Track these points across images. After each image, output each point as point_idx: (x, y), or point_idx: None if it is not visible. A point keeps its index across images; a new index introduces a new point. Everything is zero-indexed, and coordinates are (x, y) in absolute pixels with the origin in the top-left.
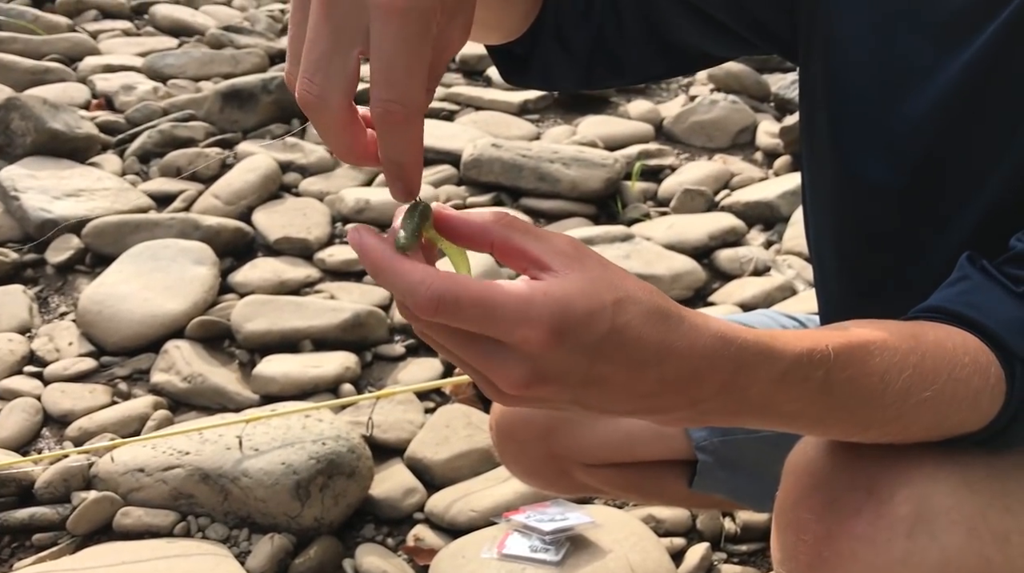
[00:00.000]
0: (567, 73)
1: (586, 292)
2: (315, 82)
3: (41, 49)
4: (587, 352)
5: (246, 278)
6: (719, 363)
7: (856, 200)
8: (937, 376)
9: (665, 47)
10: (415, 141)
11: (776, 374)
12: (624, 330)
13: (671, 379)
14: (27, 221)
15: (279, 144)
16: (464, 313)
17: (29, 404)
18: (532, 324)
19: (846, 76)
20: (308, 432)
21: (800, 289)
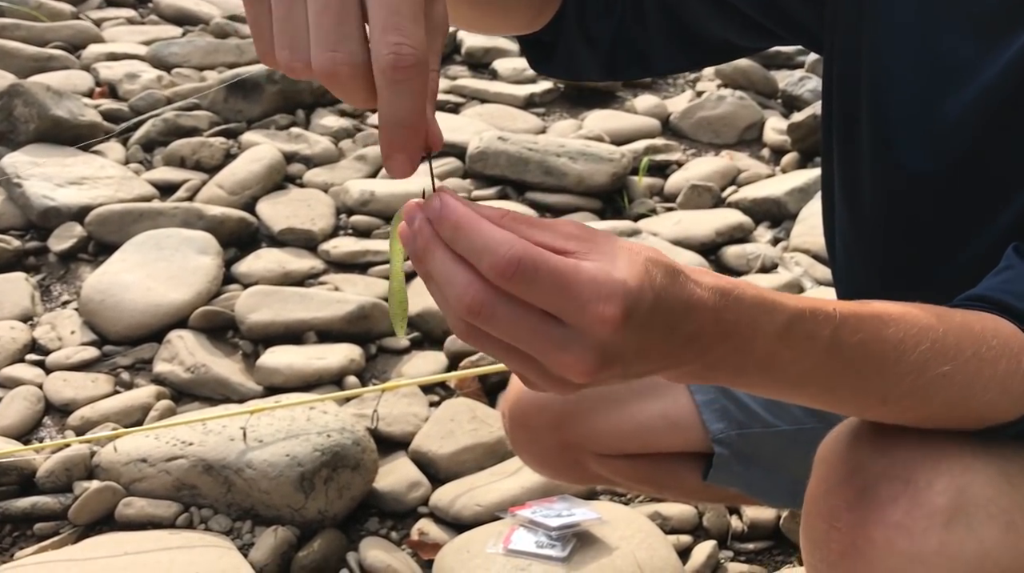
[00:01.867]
0: (591, 64)
1: (627, 267)
2: (341, 48)
3: (44, 36)
4: (642, 328)
5: (250, 268)
6: (722, 315)
7: (894, 191)
8: (959, 352)
9: (688, 38)
10: (422, 94)
11: (778, 326)
12: (660, 295)
13: (686, 336)
14: (30, 208)
15: (283, 134)
16: (540, 281)
17: (31, 392)
18: (607, 299)
19: (887, 68)
20: (313, 424)
21: (808, 286)
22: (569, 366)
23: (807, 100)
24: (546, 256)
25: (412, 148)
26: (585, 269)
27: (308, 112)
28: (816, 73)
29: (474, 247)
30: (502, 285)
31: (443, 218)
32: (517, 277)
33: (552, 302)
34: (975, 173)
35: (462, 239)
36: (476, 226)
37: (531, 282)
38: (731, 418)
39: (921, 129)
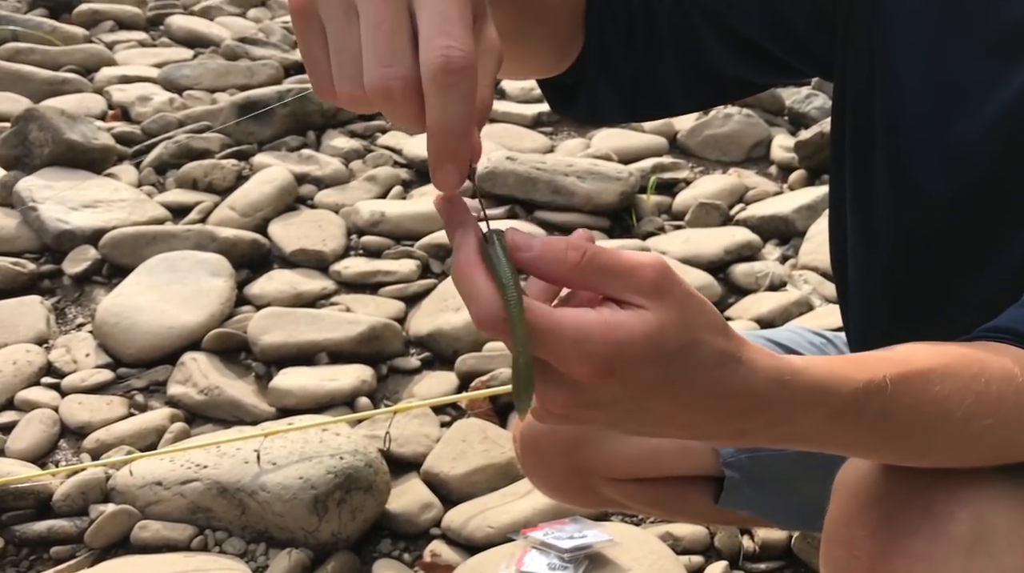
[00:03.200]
0: (613, 105)
1: (650, 336)
2: (393, 65)
3: (58, 60)
4: (637, 389)
5: (262, 290)
6: (771, 403)
7: (908, 212)
8: (1001, 403)
9: (706, 76)
10: (472, 100)
11: (830, 412)
12: (679, 377)
13: (719, 416)
14: (44, 232)
15: (295, 156)
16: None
17: (47, 416)
18: (583, 360)
19: (901, 88)
20: (325, 446)
21: (817, 304)
22: (553, 406)
23: (814, 118)
24: (532, 308)
25: (461, 158)
26: (571, 322)
27: (319, 134)
28: (822, 90)
29: (467, 295)
30: (491, 334)
31: (456, 254)
32: (499, 331)
33: (537, 349)
34: (991, 196)
35: (459, 285)
36: (469, 275)
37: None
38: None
39: (936, 151)
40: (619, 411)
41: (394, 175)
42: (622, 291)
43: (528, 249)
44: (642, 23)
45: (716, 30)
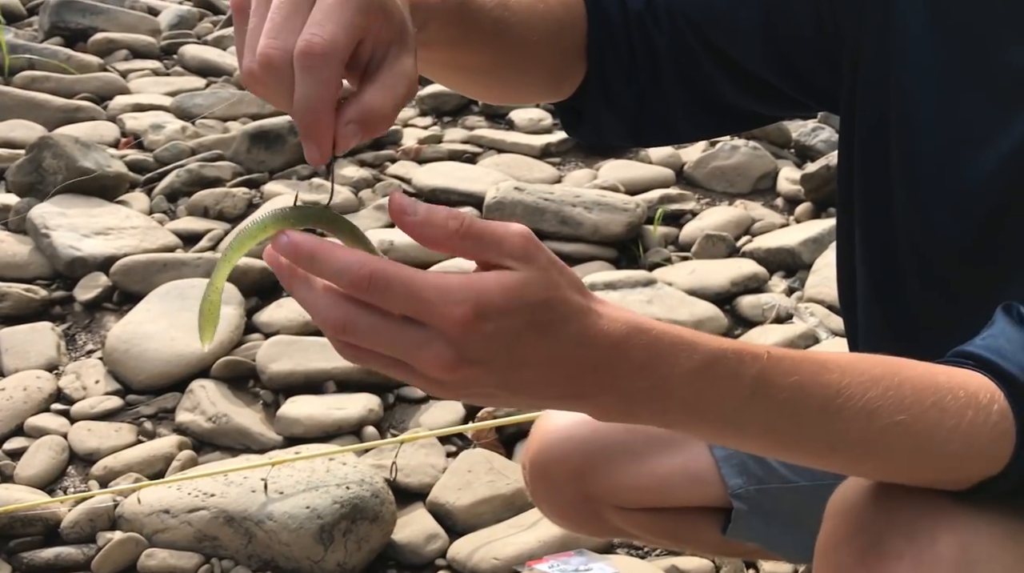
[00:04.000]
0: (617, 130)
1: (511, 288)
2: (278, 39)
3: (73, 88)
4: (508, 338)
5: (271, 318)
6: (633, 350)
7: (922, 252)
8: (917, 402)
9: (712, 107)
10: (329, 84)
11: (696, 363)
12: (545, 326)
13: (588, 365)
14: (57, 258)
15: (305, 184)
16: (392, 290)
17: (55, 442)
18: (452, 305)
19: (910, 127)
20: (332, 475)
21: (823, 337)
22: (430, 362)
23: (820, 150)
24: (398, 268)
25: (321, 137)
26: (437, 277)
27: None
28: (829, 124)
29: (332, 270)
30: (361, 297)
31: (298, 252)
32: (371, 288)
33: (407, 306)
34: (999, 237)
35: (319, 266)
36: (329, 252)
37: (383, 291)
38: (750, 473)
39: (947, 191)
40: (497, 369)
41: None
42: (495, 257)
43: (413, 214)
44: (643, 56)
45: (719, 63)
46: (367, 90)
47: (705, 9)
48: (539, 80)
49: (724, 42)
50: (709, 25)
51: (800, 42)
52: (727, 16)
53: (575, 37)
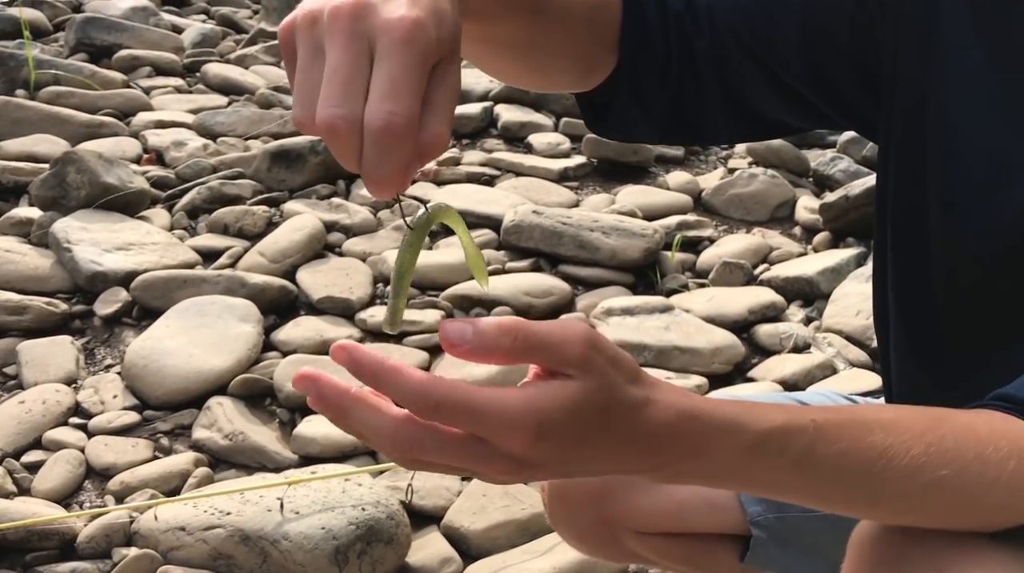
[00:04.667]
0: (644, 129)
1: (572, 402)
2: (342, 106)
3: (97, 104)
4: (568, 446)
5: (288, 336)
6: (684, 437)
7: (958, 279)
8: (959, 455)
9: (744, 114)
10: (408, 155)
11: (743, 445)
12: (604, 426)
13: (642, 452)
14: (78, 273)
15: (324, 204)
16: (457, 416)
17: (73, 456)
18: (515, 430)
19: (960, 155)
20: (348, 496)
21: (841, 368)
22: (495, 472)
23: (839, 180)
24: (462, 393)
25: (391, 192)
26: (498, 403)
27: (348, 183)
28: (847, 153)
29: (398, 394)
30: (427, 419)
31: (360, 369)
32: (437, 414)
33: (471, 429)
34: None
35: (383, 387)
36: (393, 375)
37: (450, 416)
38: (768, 501)
39: (989, 218)
40: (559, 466)
41: None
42: (555, 365)
43: (462, 343)
44: (680, 57)
45: (757, 72)
46: (425, 120)
47: (745, 17)
48: (569, 66)
49: (762, 52)
50: (749, 33)
51: (837, 58)
52: (766, 26)
53: (609, 28)
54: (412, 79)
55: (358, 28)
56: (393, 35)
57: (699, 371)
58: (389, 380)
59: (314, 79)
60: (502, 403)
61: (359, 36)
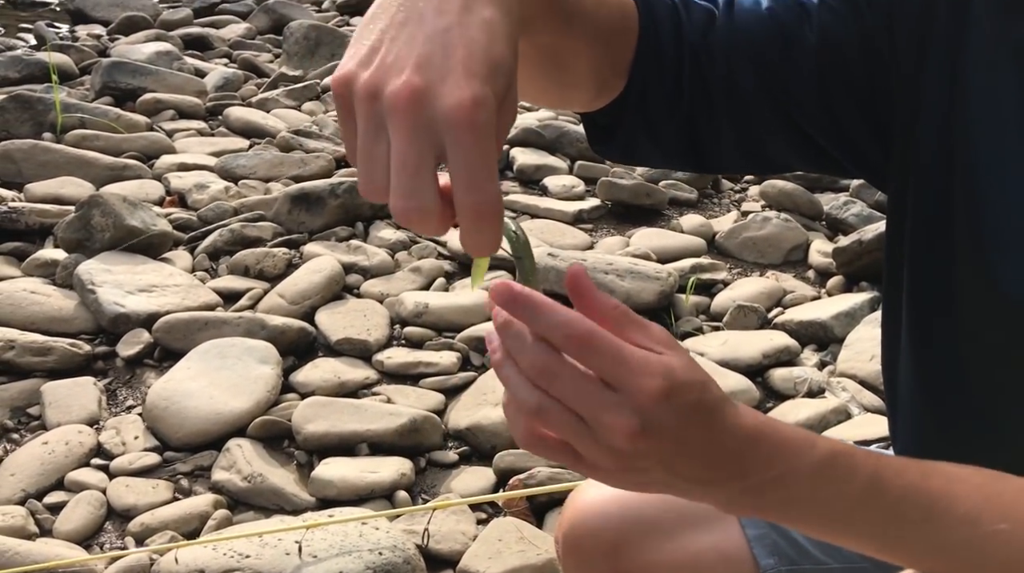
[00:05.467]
0: (649, 155)
1: (686, 367)
2: (414, 199)
3: (121, 146)
4: (684, 413)
5: (307, 378)
6: (763, 442)
7: (991, 328)
8: (1017, 510)
9: (753, 150)
10: (500, 227)
11: (816, 460)
12: (710, 407)
13: (730, 451)
14: (101, 314)
15: (343, 246)
16: (602, 351)
17: (94, 497)
18: (650, 377)
19: (992, 202)
20: (365, 540)
21: (855, 413)
22: (614, 428)
23: (852, 224)
24: (608, 333)
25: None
26: (642, 352)
27: (367, 224)
28: (860, 198)
29: (552, 322)
30: (571, 352)
31: (516, 302)
32: (584, 345)
33: (609, 370)
34: None
35: (542, 317)
36: (550, 307)
37: (595, 350)
38: (782, 554)
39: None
40: (669, 443)
41: (438, 267)
42: (643, 340)
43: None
44: (692, 87)
45: (770, 111)
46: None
47: (760, 57)
48: (585, 83)
49: (776, 91)
50: (762, 74)
51: (852, 105)
52: (781, 68)
53: (625, 51)
54: (486, 162)
55: (420, 120)
56: (458, 126)
57: None
58: (545, 310)
59: (378, 157)
60: (645, 355)
61: (422, 128)
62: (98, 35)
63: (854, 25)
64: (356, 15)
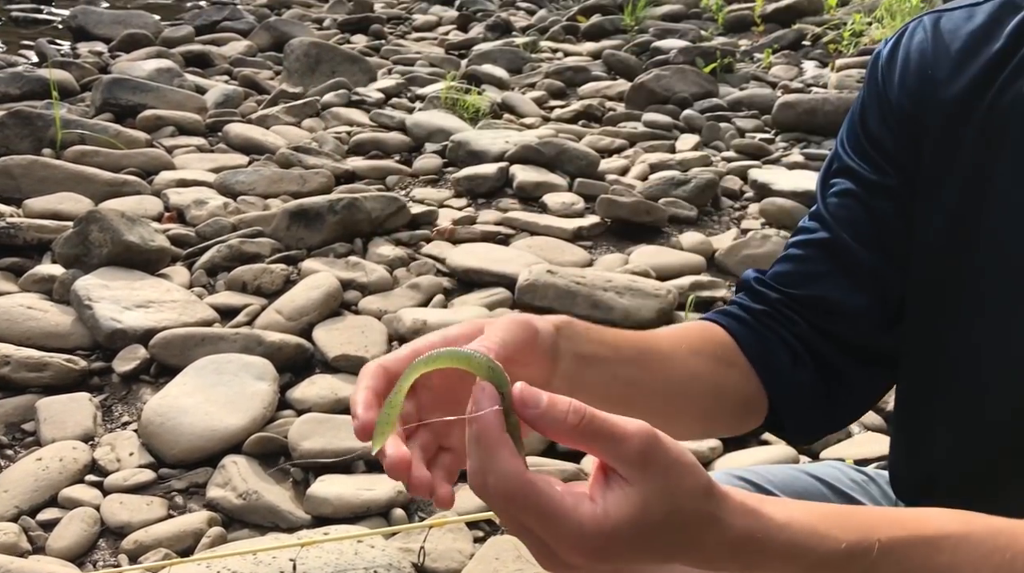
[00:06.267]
0: (820, 425)
1: (635, 517)
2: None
3: (120, 163)
4: (625, 554)
5: (303, 395)
6: (739, 556)
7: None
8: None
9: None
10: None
11: (803, 569)
12: (661, 539)
13: (693, 562)
14: (98, 330)
15: (341, 262)
16: (531, 516)
17: (88, 514)
18: (579, 551)
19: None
20: (360, 558)
21: (855, 431)
22: (559, 564)
23: None
24: (541, 500)
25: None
26: (570, 517)
27: (366, 241)
28: None
29: (485, 466)
30: (501, 506)
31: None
32: (509, 505)
33: (539, 530)
34: None
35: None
36: (496, 448)
37: (523, 511)
38: None
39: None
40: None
41: (436, 284)
42: (611, 458)
43: (535, 406)
44: (815, 362)
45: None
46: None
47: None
48: (727, 425)
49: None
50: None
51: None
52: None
53: (745, 391)
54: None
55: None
56: None
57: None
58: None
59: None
60: (583, 517)
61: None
62: (99, 52)
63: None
64: (357, 32)
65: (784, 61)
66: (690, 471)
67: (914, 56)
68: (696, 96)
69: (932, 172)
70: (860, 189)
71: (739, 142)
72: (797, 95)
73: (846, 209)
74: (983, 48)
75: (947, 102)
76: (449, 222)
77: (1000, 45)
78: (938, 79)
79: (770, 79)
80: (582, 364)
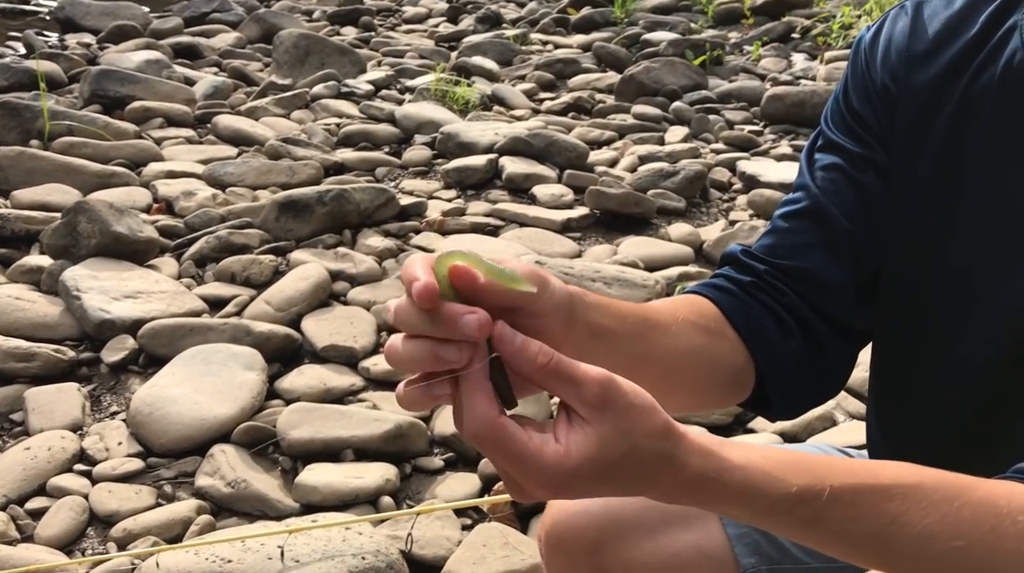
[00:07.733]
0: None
1: (594, 456)
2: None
3: (108, 154)
4: (588, 487)
5: (292, 385)
6: (695, 493)
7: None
8: (975, 527)
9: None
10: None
11: (754, 509)
12: (620, 474)
13: (653, 496)
14: (86, 320)
15: (330, 253)
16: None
17: (76, 503)
18: (544, 486)
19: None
20: (348, 545)
21: (840, 420)
22: (527, 495)
23: None
24: (509, 441)
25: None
26: (535, 456)
27: (354, 232)
28: None
29: (465, 411)
30: (476, 445)
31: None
32: (482, 445)
33: (508, 468)
34: None
35: (465, 398)
36: (474, 394)
37: (494, 450)
38: (763, 553)
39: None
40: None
41: None
42: (572, 400)
43: (511, 343)
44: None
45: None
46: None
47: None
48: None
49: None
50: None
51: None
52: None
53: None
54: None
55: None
56: None
57: (699, 422)
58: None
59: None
60: (547, 457)
61: None
62: (88, 43)
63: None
64: (346, 24)
65: (773, 54)
66: (648, 412)
67: (896, 39)
68: (685, 88)
69: (908, 149)
70: (846, 163)
71: (728, 134)
72: (786, 87)
73: (832, 182)
74: (959, 34)
75: (924, 85)
76: (438, 213)
77: (975, 31)
78: (917, 62)
79: (759, 71)
80: (592, 336)
